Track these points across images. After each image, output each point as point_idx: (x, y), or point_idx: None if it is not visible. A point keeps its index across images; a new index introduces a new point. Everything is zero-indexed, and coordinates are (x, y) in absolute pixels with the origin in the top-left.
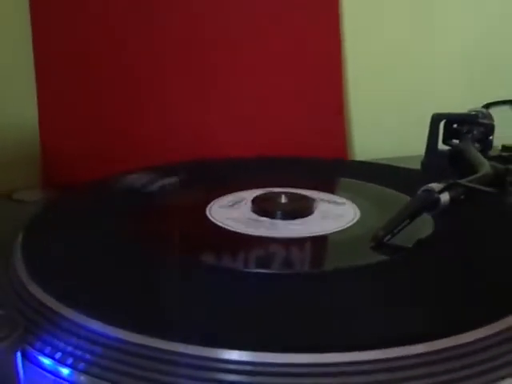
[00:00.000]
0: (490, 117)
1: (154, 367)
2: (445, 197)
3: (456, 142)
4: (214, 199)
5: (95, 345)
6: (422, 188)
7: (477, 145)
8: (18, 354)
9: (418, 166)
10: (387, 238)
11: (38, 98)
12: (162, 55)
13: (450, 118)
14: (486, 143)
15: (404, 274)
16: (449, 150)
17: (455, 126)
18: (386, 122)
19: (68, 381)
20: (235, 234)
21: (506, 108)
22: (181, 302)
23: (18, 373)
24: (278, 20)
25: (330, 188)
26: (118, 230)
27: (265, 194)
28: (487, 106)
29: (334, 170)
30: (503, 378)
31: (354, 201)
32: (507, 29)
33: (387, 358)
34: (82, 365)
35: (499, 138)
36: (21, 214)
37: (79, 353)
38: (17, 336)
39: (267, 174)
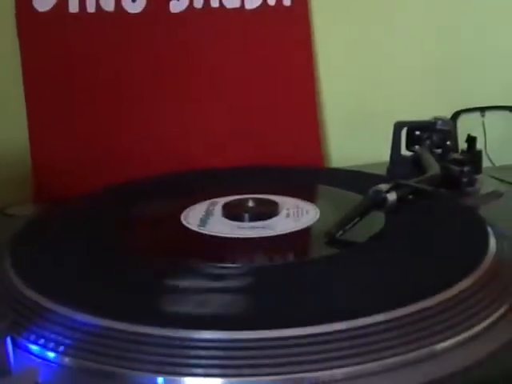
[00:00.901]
0: (449, 123)
1: (121, 347)
2: (392, 196)
3: (417, 147)
4: (187, 207)
5: (73, 330)
6: (372, 188)
7: (438, 150)
8: (8, 341)
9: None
10: (339, 233)
11: (27, 115)
12: (142, 77)
13: (411, 126)
14: (444, 148)
15: (354, 262)
16: (411, 155)
17: (417, 132)
18: (359, 131)
19: (53, 362)
20: (206, 236)
21: (476, 115)
22: (151, 291)
23: (8, 357)
24: (251, 38)
25: (296, 193)
26: (98, 236)
27: (234, 199)
28: (457, 113)
29: (302, 176)
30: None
31: (316, 204)
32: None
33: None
34: (62, 348)
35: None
36: (12, 226)
37: (60, 338)
38: (5, 325)
39: (239, 182)
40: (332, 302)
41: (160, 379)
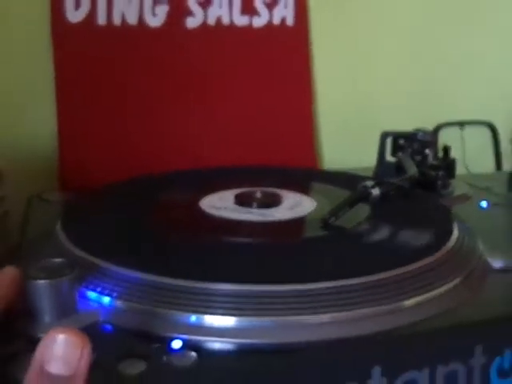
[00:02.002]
0: (429, 134)
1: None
2: (375, 191)
3: (401, 154)
4: (205, 196)
5: (121, 281)
6: (359, 184)
7: (418, 157)
8: (76, 288)
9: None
10: (332, 219)
11: (58, 115)
12: (161, 84)
13: (396, 135)
14: (423, 155)
15: (342, 241)
16: (395, 161)
17: (401, 141)
18: (351, 139)
19: (109, 306)
20: (221, 218)
21: (455, 128)
22: (177, 254)
23: (76, 300)
24: (257, 53)
25: (296, 189)
26: (135, 215)
27: (244, 191)
28: (439, 127)
29: (302, 175)
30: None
31: (313, 197)
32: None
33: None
34: (115, 294)
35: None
36: (49, 209)
37: (111, 287)
38: (75, 274)
39: (249, 178)
40: (324, 268)
41: (193, 317)
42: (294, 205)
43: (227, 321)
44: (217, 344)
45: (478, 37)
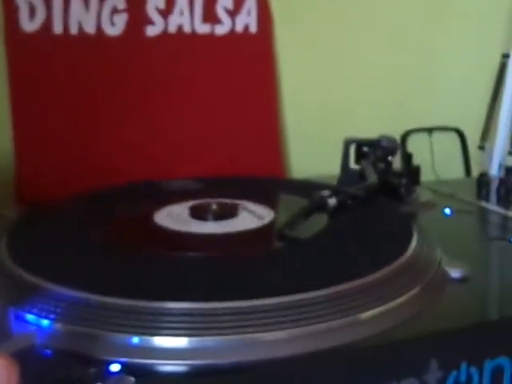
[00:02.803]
0: (393, 142)
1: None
2: (332, 201)
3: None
4: (160, 208)
5: (62, 302)
6: (315, 194)
7: (382, 164)
8: (10, 310)
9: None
10: (287, 230)
11: (13, 124)
12: (120, 93)
13: (359, 142)
14: (387, 163)
15: (297, 252)
16: (359, 168)
17: (365, 149)
18: (319, 146)
19: (47, 328)
20: (173, 231)
21: (424, 135)
22: (124, 271)
23: (10, 324)
24: (220, 61)
25: (256, 199)
26: (82, 230)
27: (199, 202)
28: (407, 133)
29: (263, 185)
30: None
31: (273, 208)
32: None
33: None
34: (53, 315)
35: (418, 159)
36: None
37: (52, 309)
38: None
39: (207, 189)
40: (277, 282)
41: (135, 338)
42: (251, 216)
43: (174, 342)
44: (162, 367)
45: (444, 44)
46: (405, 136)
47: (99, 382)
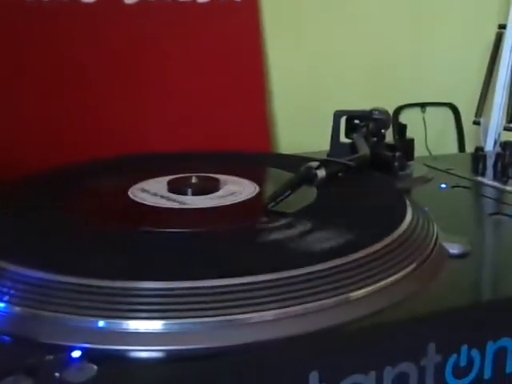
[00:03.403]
0: (385, 113)
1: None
2: (321, 172)
3: (354, 135)
4: (135, 183)
5: (19, 283)
6: (304, 165)
7: (374, 138)
8: None
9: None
10: (271, 205)
11: None
12: (96, 64)
13: (350, 115)
14: (379, 136)
15: (282, 228)
16: (350, 142)
17: (356, 121)
18: (306, 122)
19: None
20: (148, 206)
21: (417, 110)
22: (89, 249)
23: None
24: (203, 31)
25: (238, 173)
26: (48, 205)
27: (177, 177)
28: (400, 108)
29: (248, 160)
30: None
31: (257, 182)
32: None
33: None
34: (6, 297)
35: (410, 135)
36: None
37: (8, 290)
38: None
39: (187, 164)
40: (261, 259)
41: (100, 322)
42: (234, 191)
43: (144, 325)
44: (130, 353)
45: (437, 16)
46: (397, 111)
47: (58, 370)
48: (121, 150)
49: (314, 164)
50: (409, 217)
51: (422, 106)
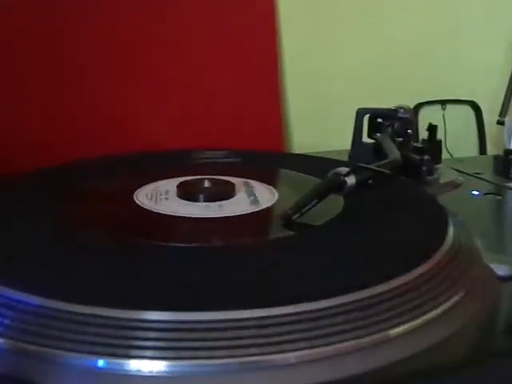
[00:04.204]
0: (410, 112)
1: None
2: (351, 179)
3: (379, 135)
4: (141, 186)
5: (7, 309)
6: (331, 171)
7: (399, 138)
8: None
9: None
10: (296, 216)
11: None
12: (93, 52)
13: (374, 113)
14: (405, 136)
15: (308, 245)
16: (373, 142)
17: (379, 120)
18: (322, 118)
19: None
20: (159, 214)
21: (437, 108)
22: (94, 269)
23: None
24: (213, 16)
25: (254, 176)
26: (43, 212)
27: (188, 180)
28: (419, 105)
29: (262, 160)
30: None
31: (275, 187)
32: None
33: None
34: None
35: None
36: None
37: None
38: None
39: (197, 164)
40: (282, 286)
41: (100, 361)
42: (250, 197)
43: (150, 366)
44: None
45: (459, 11)
46: (416, 109)
47: None
48: (123, 147)
49: (343, 170)
50: (451, 234)
51: (443, 103)
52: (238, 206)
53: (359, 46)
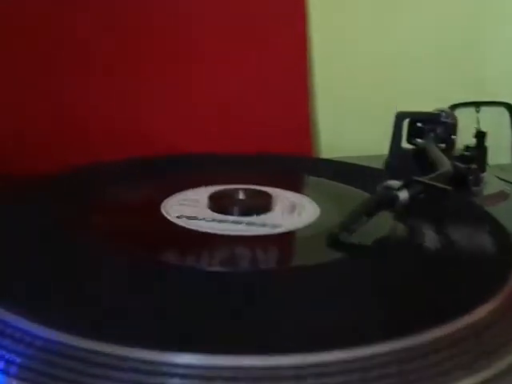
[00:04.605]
0: (453, 116)
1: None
2: (403, 194)
3: (420, 140)
4: (168, 196)
5: (29, 347)
6: (381, 185)
7: (442, 144)
8: None
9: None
10: (343, 235)
11: None
12: (119, 48)
13: (414, 117)
14: (448, 142)
15: (359, 272)
16: (413, 148)
17: (419, 124)
18: (350, 120)
19: None
20: (189, 231)
21: (471, 109)
22: (123, 301)
23: None
24: (244, 19)
25: (291, 185)
26: (62, 225)
27: (222, 190)
28: (453, 107)
29: (296, 167)
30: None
31: (314, 199)
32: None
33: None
34: (14, 368)
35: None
36: None
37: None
38: None
39: (227, 170)
40: (327, 324)
41: None
42: (290, 210)
43: None
44: None
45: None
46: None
47: None
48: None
49: (395, 184)
50: None
51: (477, 105)
52: (277, 221)
53: (388, 46)
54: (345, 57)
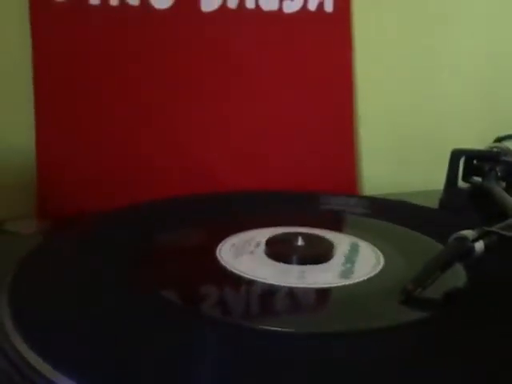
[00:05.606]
0: (511, 153)
1: None
2: (479, 246)
3: (477, 179)
4: (223, 239)
5: None
6: (454, 235)
7: (503, 183)
8: None
9: (423, 203)
10: (418, 291)
11: (36, 119)
12: (166, 81)
13: (470, 155)
14: (509, 181)
15: (442, 334)
16: (469, 187)
17: (475, 162)
18: (394, 156)
19: None
20: (247, 280)
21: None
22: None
23: None
24: (288, 45)
25: (346, 228)
26: (116, 275)
27: (279, 235)
28: (499, 139)
29: (347, 206)
30: None
31: (374, 244)
32: None
33: None
34: None
35: None
36: (13, 247)
37: None
38: None
39: (276, 209)
40: None
41: None
42: (351, 258)
43: None
44: None
45: None
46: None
47: None
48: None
49: (469, 234)
50: None
51: None
52: (339, 272)
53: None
54: (390, 86)
